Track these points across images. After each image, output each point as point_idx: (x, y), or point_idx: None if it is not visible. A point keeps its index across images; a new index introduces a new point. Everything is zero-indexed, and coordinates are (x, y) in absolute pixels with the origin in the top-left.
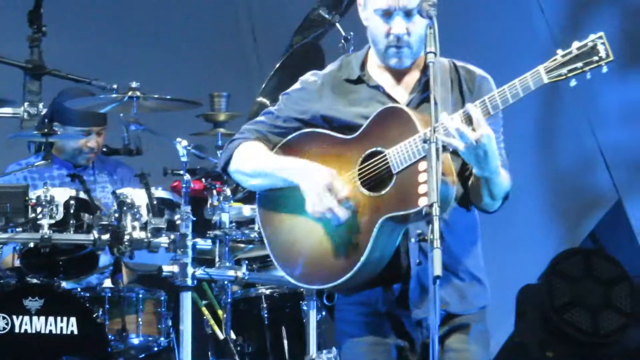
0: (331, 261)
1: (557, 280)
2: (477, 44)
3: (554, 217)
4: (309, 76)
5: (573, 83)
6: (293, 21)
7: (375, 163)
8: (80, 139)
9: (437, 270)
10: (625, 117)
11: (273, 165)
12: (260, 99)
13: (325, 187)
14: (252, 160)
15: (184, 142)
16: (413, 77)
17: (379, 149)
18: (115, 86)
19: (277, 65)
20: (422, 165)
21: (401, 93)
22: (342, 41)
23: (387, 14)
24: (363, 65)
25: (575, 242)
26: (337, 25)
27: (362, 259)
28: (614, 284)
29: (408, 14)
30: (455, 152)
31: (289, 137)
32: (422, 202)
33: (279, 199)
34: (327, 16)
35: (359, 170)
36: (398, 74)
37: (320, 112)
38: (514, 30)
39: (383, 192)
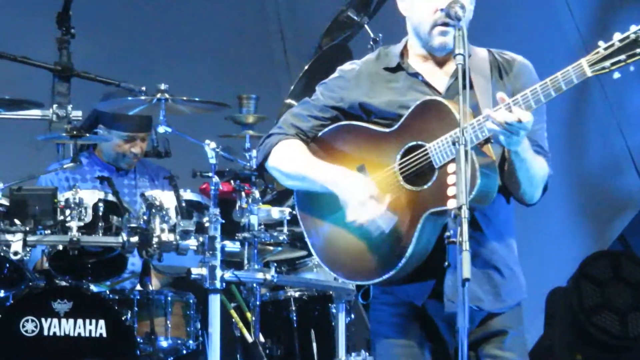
0: (374, 256)
1: (586, 283)
2: (505, 45)
3: (583, 220)
4: (347, 65)
5: (616, 75)
6: (321, 23)
7: (416, 157)
8: (112, 141)
9: (466, 273)
10: None
11: (312, 171)
12: (288, 100)
13: (367, 199)
14: (291, 162)
15: (213, 144)
16: (451, 66)
17: (419, 142)
18: (143, 88)
19: (306, 67)
20: (452, 167)
21: (440, 81)
22: (371, 43)
23: None
24: (402, 55)
25: (604, 245)
26: (366, 26)
27: (408, 254)
28: None
29: None
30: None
31: (326, 130)
32: (451, 204)
33: (317, 195)
34: (355, 18)
35: (400, 164)
36: (437, 63)
37: (358, 100)
38: (542, 31)
39: (425, 186)
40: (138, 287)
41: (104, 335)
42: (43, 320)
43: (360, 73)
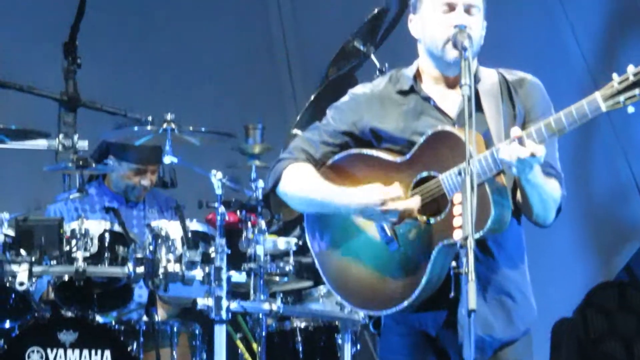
0: (388, 286)
1: (592, 313)
2: None
3: (589, 250)
4: (359, 87)
5: (631, 110)
6: (328, 52)
7: (429, 188)
8: (121, 172)
9: (472, 304)
10: None
11: (325, 192)
12: (294, 131)
13: (385, 190)
14: (303, 184)
15: (219, 174)
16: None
17: (432, 173)
18: (150, 118)
19: (312, 97)
20: (458, 198)
21: (451, 106)
22: (377, 73)
23: (449, 7)
24: (414, 78)
25: (610, 275)
26: (372, 56)
27: (421, 285)
28: None
29: (468, 11)
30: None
31: (337, 157)
32: (457, 235)
33: (329, 220)
34: (361, 48)
35: (412, 194)
36: (448, 85)
37: (369, 124)
38: (549, 60)
39: (439, 217)
40: (144, 318)
41: None
42: (49, 350)
43: (372, 96)
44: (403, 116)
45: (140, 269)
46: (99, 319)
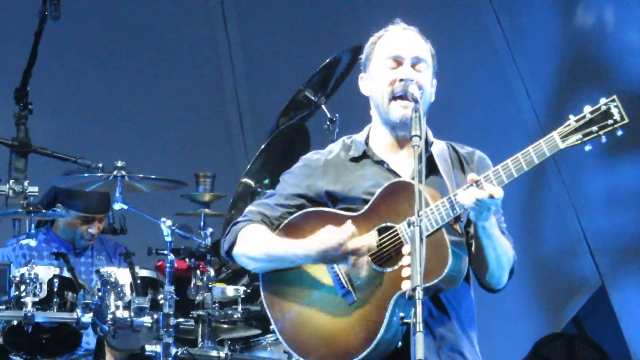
0: (345, 340)
1: None
2: (464, 127)
3: (538, 302)
4: (312, 154)
5: (588, 148)
6: (279, 102)
7: (387, 238)
8: (69, 220)
9: (420, 354)
10: (609, 203)
11: (280, 247)
12: (245, 179)
13: (342, 237)
14: (258, 244)
15: (169, 222)
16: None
17: (389, 223)
18: (100, 165)
19: (263, 146)
20: (407, 249)
21: (404, 167)
22: (328, 123)
23: (396, 63)
24: (366, 142)
25: (558, 327)
26: (323, 107)
27: (379, 336)
28: None
29: (415, 66)
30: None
31: (294, 216)
32: (406, 285)
33: (285, 279)
34: (313, 98)
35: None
36: (400, 146)
37: (324, 188)
38: (499, 114)
39: (396, 267)
40: None
41: None
42: None
43: (326, 163)
44: (357, 180)
45: (89, 315)
46: None
